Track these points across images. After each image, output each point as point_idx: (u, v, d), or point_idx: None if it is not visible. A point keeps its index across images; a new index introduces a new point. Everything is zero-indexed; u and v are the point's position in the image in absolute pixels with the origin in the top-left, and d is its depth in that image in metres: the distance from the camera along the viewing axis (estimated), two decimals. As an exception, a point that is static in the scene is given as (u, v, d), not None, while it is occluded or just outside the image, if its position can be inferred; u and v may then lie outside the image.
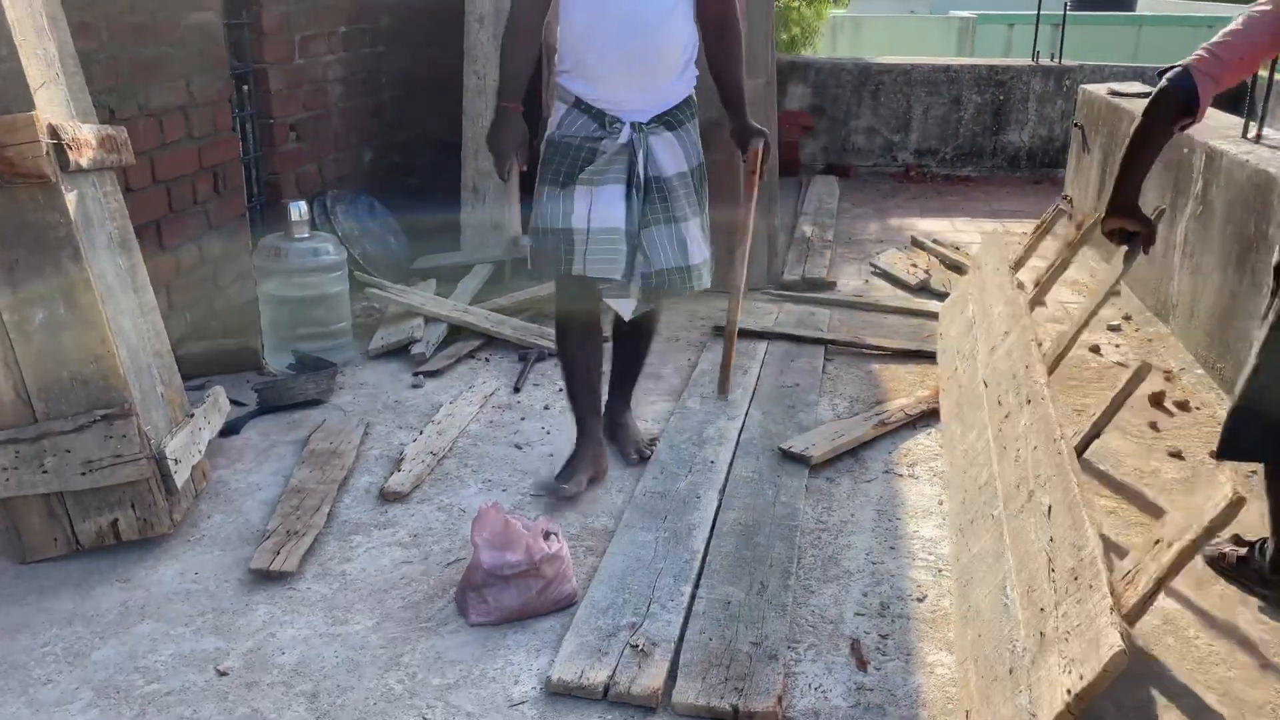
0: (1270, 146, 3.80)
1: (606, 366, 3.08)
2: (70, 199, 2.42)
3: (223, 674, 2.11)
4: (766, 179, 3.00)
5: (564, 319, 2.91)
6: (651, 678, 2.06)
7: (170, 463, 2.55)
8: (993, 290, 3.62)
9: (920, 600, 2.39)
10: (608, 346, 3.10)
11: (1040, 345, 2.93)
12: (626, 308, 2.83)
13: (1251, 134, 3.99)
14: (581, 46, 2.66)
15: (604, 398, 3.04)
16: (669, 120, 2.72)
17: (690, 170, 2.77)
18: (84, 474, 2.45)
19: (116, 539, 2.53)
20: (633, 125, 2.67)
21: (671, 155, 2.73)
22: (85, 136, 2.53)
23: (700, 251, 2.80)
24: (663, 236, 2.73)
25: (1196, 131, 4.16)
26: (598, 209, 2.66)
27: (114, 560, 2.51)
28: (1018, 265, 3.96)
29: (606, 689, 2.04)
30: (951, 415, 3.17)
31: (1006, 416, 2.68)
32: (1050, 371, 2.93)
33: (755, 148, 2.85)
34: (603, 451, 2.94)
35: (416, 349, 3.80)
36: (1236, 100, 7.25)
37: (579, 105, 2.69)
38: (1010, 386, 2.79)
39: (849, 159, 7.69)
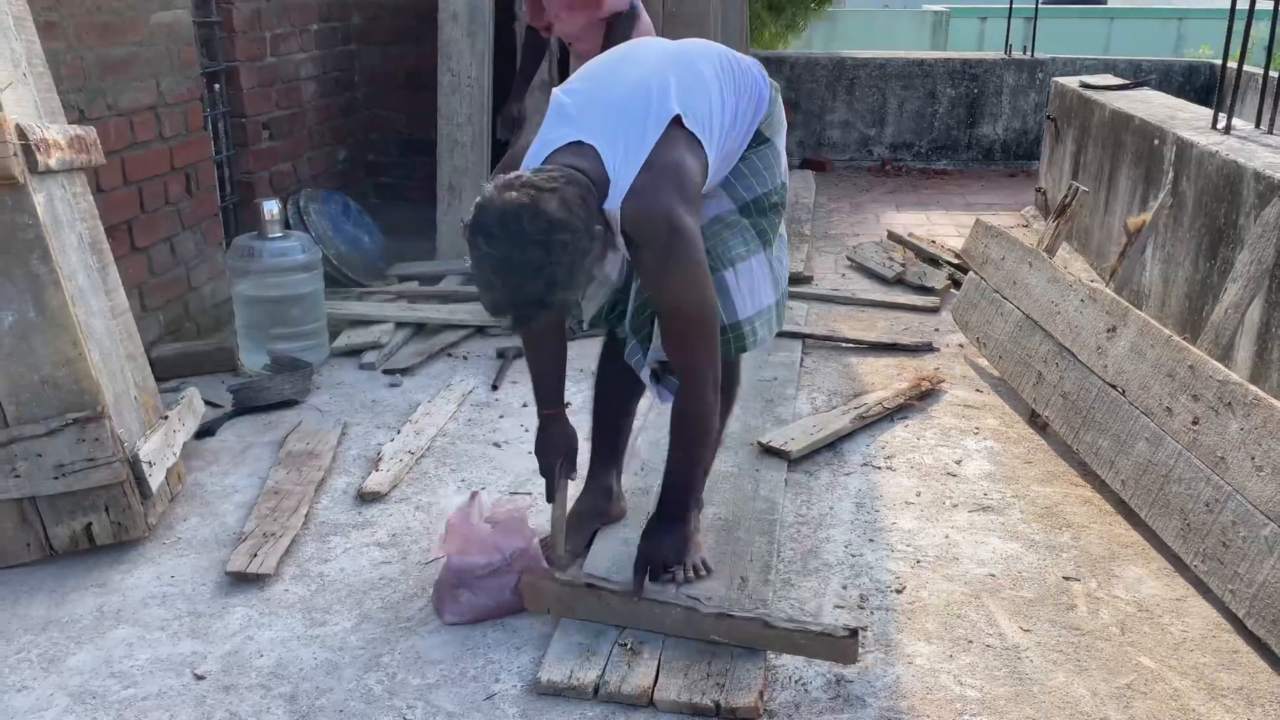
0: (1239, 137, 3.84)
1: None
2: (39, 200, 2.40)
3: (200, 678, 2.10)
4: None
5: (601, 360, 2.61)
6: (642, 676, 2.05)
7: (144, 466, 2.52)
8: (1042, 284, 3.39)
9: (899, 592, 2.40)
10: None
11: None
12: (654, 390, 2.33)
13: (1221, 125, 4.03)
14: None
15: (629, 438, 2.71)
16: None
17: (739, 207, 2.27)
18: (56, 478, 2.42)
19: (91, 543, 2.50)
20: None
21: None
22: (54, 137, 2.50)
23: (752, 300, 2.25)
24: None
25: (1167, 123, 4.21)
26: None
27: (88, 565, 2.49)
28: (1050, 252, 3.68)
29: (597, 689, 2.04)
30: (1070, 429, 3.02)
31: (1195, 423, 2.53)
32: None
33: None
34: (611, 504, 2.64)
35: (367, 358, 3.75)
36: (1207, 92, 7.32)
37: None
38: (1175, 388, 2.63)
39: (825, 153, 7.71)
